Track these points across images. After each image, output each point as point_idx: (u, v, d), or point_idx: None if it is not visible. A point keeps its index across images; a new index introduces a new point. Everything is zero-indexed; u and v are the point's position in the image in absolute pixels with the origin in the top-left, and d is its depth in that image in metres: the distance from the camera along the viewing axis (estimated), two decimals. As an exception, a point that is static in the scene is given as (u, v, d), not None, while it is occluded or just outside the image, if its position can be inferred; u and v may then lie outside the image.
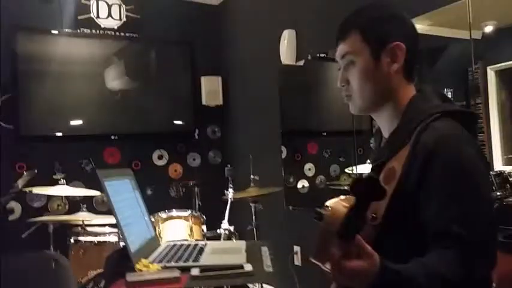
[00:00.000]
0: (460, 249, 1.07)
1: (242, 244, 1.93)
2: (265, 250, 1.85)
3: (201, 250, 1.81)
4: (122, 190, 1.83)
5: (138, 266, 1.54)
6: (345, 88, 1.39)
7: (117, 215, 1.63)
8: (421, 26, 2.42)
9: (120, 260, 1.57)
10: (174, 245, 1.92)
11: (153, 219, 3.10)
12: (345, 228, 0.94)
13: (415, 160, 1.16)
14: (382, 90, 1.32)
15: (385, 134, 1.38)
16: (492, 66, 2.56)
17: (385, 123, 1.38)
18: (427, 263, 1.08)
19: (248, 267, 1.51)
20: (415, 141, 1.18)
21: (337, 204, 0.97)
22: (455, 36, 2.73)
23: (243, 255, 1.73)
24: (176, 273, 1.47)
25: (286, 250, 3.87)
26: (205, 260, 1.66)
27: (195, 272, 1.48)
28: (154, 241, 1.98)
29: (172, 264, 1.60)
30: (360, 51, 1.31)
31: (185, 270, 1.50)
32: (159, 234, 3.16)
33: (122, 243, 3.03)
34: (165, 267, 1.56)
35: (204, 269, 1.50)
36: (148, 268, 1.54)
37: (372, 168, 1.39)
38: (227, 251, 1.87)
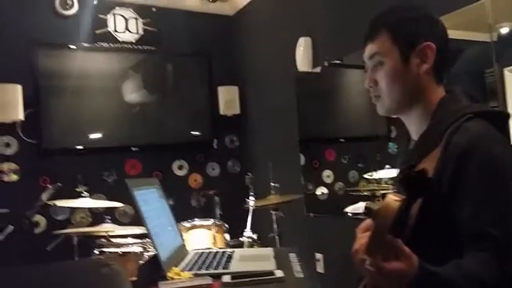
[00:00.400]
0: (495, 251, 1.06)
1: (270, 251, 1.94)
2: (293, 256, 1.86)
3: (230, 257, 1.83)
4: (150, 199, 1.85)
5: (169, 274, 1.56)
6: (373, 89, 1.37)
7: (147, 224, 1.66)
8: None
9: (152, 268, 1.60)
10: (202, 253, 1.94)
11: (176, 229, 3.12)
12: (398, 223, 0.92)
13: (448, 161, 1.15)
14: (411, 91, 1.30)
15: (414, 136, 1.37)
16: (509, 68, 2.54)
17: (413, 125, 1.36)
18: (464, 265, 1.07)
19: (279, 274, 1.52)
20: (446, 142, 1.17)
21: (389, 199, 0.94)
22: (470, 39, 2.72)
23: (272, 261, 1.74)
24: (208, 280, 1.49)
25: (308, 257, 3.87)
26: (235, 267, 1.68)
27: (226, 278, 1.50)
28: (183, 249, 2.01)
29: (204, 271, 1.62)
30: (389, 51, 1.30)
31: (216, 277, 1.52)
32: (183, 243, 3.17)
33: (146, 254, 3.07)
34: (196, 275, 1.58)
35: (235, 275, 1.51)
36: (180, 276, 1.56)
37: (401, 171, 1.39)
38: (256, 258, 1.89)
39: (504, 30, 2.53)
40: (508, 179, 1.13)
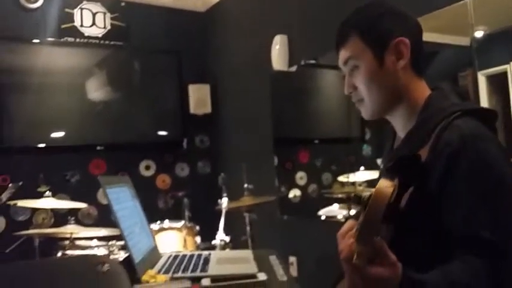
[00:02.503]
0: (489, 257, 1.01)
1: (249, 253, 1.88)
2: (273, 259, 1.79)
3: (207, 260, 1.75)
4: (122, 198, 1.75)
5: (144, 278, 1.46)
6: (353, 94, 1.32)
7: (120, 223, 1.55)
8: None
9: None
10: (177, 255, 1.84)
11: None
12: (391, 211, 0.88)
13: (437, 159, 1.11)
14: (392, 90, 1.25)
15: (401, 133, 1.32)
16: (483, 72, 2.54)
17: (399, 122, 1.31)
18: (453, 272, 1.01)
19: (262, 277, 1.45)
20: (436, 139, 1.13)
21: (381, 185, 0.88)
22: (445, 42, 2.72)
23: (253, 264, 1.67)
24: (187, 284, 1.40)
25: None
26: (214, 269, 1.60)
27: (206, 282, 1.41)
28: (157, 251, 1.90)
29: (181, 274, 1.52)
30: (362, 54, 1.26)
31: (195, 280, 1.44)
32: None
33: (113, 256, 2.93)
34: (173, 278, 1.48)
35: (215, 279, 1.42)
36: (155, 279, 1.46)
37: (386, 169, 1.33)
38: (235, 261, 1.80)
39: (479, 34, 2.54)
40: (504, 179, 1.09)
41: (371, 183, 3.05)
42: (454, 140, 1.10)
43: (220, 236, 3.07)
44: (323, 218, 3.55)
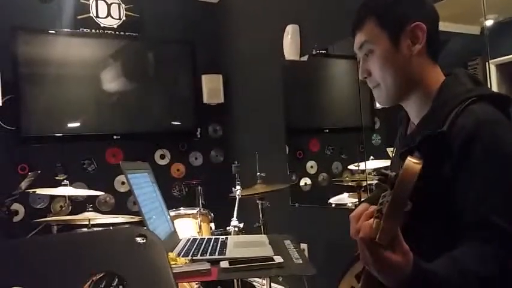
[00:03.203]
0: (499, 242, 1.00)
1: (264, 238, 1.91)
2: (288, 243, 1.83)
3: (224, 244, 1.79)
4: (143, 184, 1.80)
5: (166, 260, 1.52)
6: (368, 80, 1.33)
7: (141, 208, 1.61)
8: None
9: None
10: (195, 239, 1.90)
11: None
12: (417, 188, 0.87)
13: (452, 144, 1.10)
14: (407, 75, 1.25)
15: (414, 119, 1.33)
16: (493, 60, 2.55)
17: (413, 108, 1.31)
18: (462, 259, 1.00)
19: (279, 259, 1.49)
20: (451, 124, 1.12)
21: (409, 161, 0.88)
22: (455, 31, 2.72)
23: (268, 247, 1.71)
24: (207, 266, 1.45)
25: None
26: (232, 252, 1.64)
27: (224, 264, 1.46)
28: (176, 235, 1.96)
29: (200, 257, 1.58)
30: (378, 38, 1.26)
31: (214, 263, 1.49)
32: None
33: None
34: (193, 260, 1.54)
35: (233, 261, 1.48)
36: (176, 261, 1.52)
37: (400, 155, 1.36)
38: (251, 245, 1.85)
39: (489, 22, 2.54)
40: None
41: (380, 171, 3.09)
42: (470, 125, 1.09)
43: (234, 223, 3.12)
44: (333, 206, 3.59)
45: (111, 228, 2.90)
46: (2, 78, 3.96)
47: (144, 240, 0.81)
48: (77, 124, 4.35)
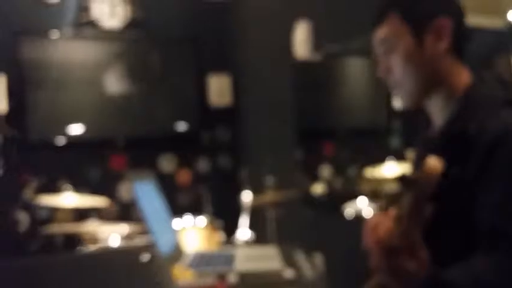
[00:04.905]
0: None
1: (274, 249, 1.86)
2: (299, 254, 1.77)
3: (232, 256, 1.73)
4: (148, 194, 1.74)
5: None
6: (388, 78, 1.27)
7: (147, 219, 1.54)
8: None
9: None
10: (202, 252, 1.83)
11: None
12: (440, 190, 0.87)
13: (477, 148, 1.07)
14: (430, 73, 1.20)
15: (436, 121, 1.27)
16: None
17: (436, 109, 1.26)
18: (478, 269, 0.99)
19: (289, 274, 1.42)
20: (477, 128, 1.09)
21: (431, 161, 0.86)
22: (477, 25, 2.64)
23: (278, 260, 1.64)
24: (213, 280, 1.38)
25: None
26: (241, 266, 1.58)
27: (233, 278, 1.39)
28: (181, 246, 1.89)
29: (207, 270, 1.50)
30: (400, 34, 1.20)
31: (221, 276, 1.43)
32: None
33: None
34: (199, 274, 1.46)
35: (241, 275, 1.41)
36: (182, 275, 1.45)
37: (422, 158, 1.30)
38: (260, 257, 1.79)
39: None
40: None
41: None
42: (496, 130, 1.06)
43: (244, 232, 3.05)
44: (349, 213, 3.50)
45: (115, 247, 2.88)
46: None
47: (148, 260, 0.78)
48: (80, 129, 4.26)
